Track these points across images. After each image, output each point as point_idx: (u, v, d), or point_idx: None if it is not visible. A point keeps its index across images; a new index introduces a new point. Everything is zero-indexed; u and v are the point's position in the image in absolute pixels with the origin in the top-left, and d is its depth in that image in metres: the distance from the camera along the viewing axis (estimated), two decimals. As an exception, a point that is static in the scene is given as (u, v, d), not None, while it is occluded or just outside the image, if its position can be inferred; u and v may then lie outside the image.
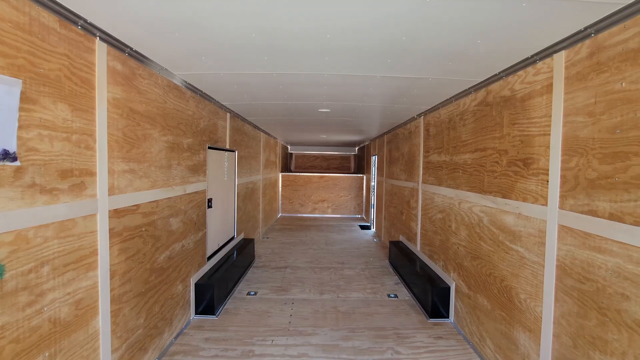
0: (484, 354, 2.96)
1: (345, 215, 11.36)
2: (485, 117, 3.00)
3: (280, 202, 11.23)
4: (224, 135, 4.72)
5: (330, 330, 3.47)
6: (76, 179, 1.90)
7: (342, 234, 8.47)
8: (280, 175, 11.08)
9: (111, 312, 2.22)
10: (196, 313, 3.70)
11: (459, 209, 3.53)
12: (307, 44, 2.25)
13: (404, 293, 4.52)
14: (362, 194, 11.29)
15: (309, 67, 2.75)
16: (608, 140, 1.72)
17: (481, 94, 3.08)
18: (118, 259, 2.30)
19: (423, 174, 4.78)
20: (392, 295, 4.42)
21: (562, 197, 2.04)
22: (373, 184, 9.46)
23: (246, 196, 6.28)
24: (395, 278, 5.11)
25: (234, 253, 4.93)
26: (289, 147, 12.60)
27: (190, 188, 3.52)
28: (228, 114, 4.84)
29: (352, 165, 12.90)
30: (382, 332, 3.44)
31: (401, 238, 5.96)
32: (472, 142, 3.25)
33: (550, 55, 2.16)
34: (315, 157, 12.88)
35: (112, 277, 2.23)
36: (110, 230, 2.21)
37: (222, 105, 4.41)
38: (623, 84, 1.65)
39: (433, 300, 3.73)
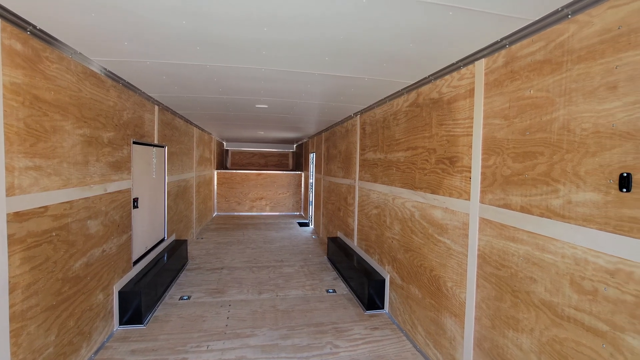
0: (415, 341, 3.16)
1: (283, 213, 11.30)
2: (416, 118, 3.19)
3: (215, 200, 10.77)
4: (151, 129, 4.36)
5: (270, 330, 3.42)
6: (-39, 177, 1.58)
7: (281, 231, 8.41)
8: (215, 172, 10.62)
9: (11, 332, 1.91)
10: (121, 323, 3.37)
11: (393, 205, 3.71)
12: (243, 36, 2.16)
13: (342, 287, 4.63)
14: (301, 191, 11.34)
15: (245, 60, 2.65)
16: (520, 141, 1.93)
17: (412, 95, 3.27)
18: (20, 269, 1.98)
19: (360, 171, 4.94)
20: (331, 291, 4.51)
21: (482, 192, 2.25)
22: (311, 181, 9.55)
23: (178, 195, 5.89)
24: (334, 273, 5.22)
25: (164, 256, 4.59)
26: (224, 143, 12.13)
27: (112, 187, 3.18)
28: (156, 107, 4.48)
29: (291, 162, 12.88)
30: (321, 328, 3.48)
31: (339, 234, 6.11)
32: (404, 141, 3.43)
33: (472, 62, 2.35)
34: (253, 154, 12.60)
35: (12, 291, 1.91)
36: (10, 236, 1.89)
37: (149, 96, 4.06)
38: (531, 91, 1.86)
39: (369, 292, 3.88)
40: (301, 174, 11.33)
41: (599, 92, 1.49)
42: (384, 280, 3.88)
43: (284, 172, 11.46)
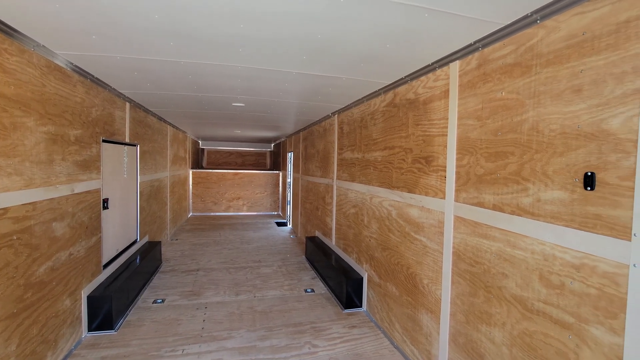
0: (393, 338, 3.21)
1: (261, 213, 11.19)
2: (393, 118, 3.23)
3: (191, 200, 10.51)
4: (122, 127, 4.19)
5: (247, 331, 3.37)
6: None
7: (259, 231, 8.32)
8: (190, 172, 10.37)
9: (-33, 343, 1.78)
10: (90, 330, 3.22)
11: (370, 204, 3.74)
12: (219, 33, 2.11)
13: (320, 287, 4.63)
14: (279, 190, 11.26)
15: (221, 57, 2.59)
16: (492, 142, 1.99)
17: (389, 95, 3.31)
18: (-23, 276, 1.85)
19: (337, 170, 4.95)
20: (309, 290, 4.50)
21: (457, 191, 2.30)
22: (289, 180, 9.50)
23: (151, 195, 5.70)
24: (312, 273, 5.21)
25: (136, 258, 4.43)
26: (200, 142, 11.87)
27: (80, 187, 3.03)
28: (128, 104, 4.31)
29: (268, 161, 12.77)
30: (299, 328, 3.46)
31: (317, 233, 6.11)
32: (382, 141, 3.47)
33: (447, 64, 2.41)
34: (230, 153, 12.39)
35: (-33, 299, 1.78)
36: (-36, 241, 1.76)
37: (120, 93, 3.90)
38: (503, 93, 1.92)
39: (347, 291, 3.90)
40: (279, 173, 11.25)
41: (565, 94, 1.55)
42: (361, 279, 3.91)
43: (262, 171, 11.34)
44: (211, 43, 2.30)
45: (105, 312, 3.25)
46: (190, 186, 10.47)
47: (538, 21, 1.70)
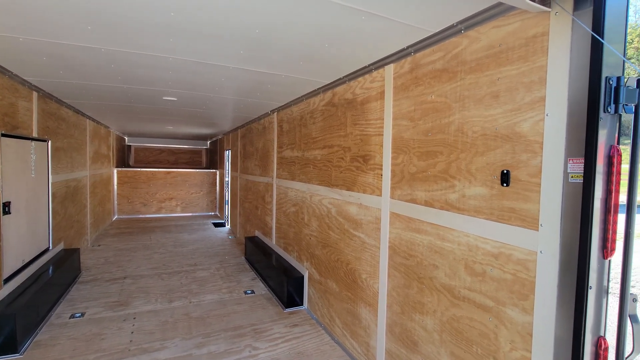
0: (334, 333, 3.27)
1: (197, 214, 10.64)
2: (332, 117, 3.28)
3: (116, 202, 9.60)
4: (28, 119, 3.66)
5: (182, 340, 3.17)
6: None
7: (194, 233, 7.90)
8: (115, 171, 9.46)
9: None
10: (-13, 356, 2.76)
11: (310, 202, 3.76)
12: (146, 20, 1.93)
13: (260, 288, 4.54)
14: (216, 190, 10.81)
15: (150, 47, 2.38)
16: (423, 141, 2.12)
17: (328, 95, 3.35)
18: None
19: (277, 169, 4.90)
20: (249, 292, 4.39)
21: (392, 188, 2.41)
22: (227, 179, 9.17)
23: (67, 197, 5.07)
24: (252, 274, 5.10)
25: (49, 269, 3.91)
26: (126, 138, 10.88)
27: (-28, 189, 2.57)
28: (35, 93, 3.78)
29: (204, 160, 12.18)
30: (239, 331, 3.36)
31: (257, 233, 5.98)
32: (321, 139, 3.50)
33: (382, 66, 2.51)
34: (161, 150, 11.56)
35: None
36: None
37: (24, 80, 3.40)
38: (432, 96, 2.06)
39: (288, 290, 3.88)
40: (216, 172, 10.80)
41: (485, 99, 1.71)
42: (302, 277, 3.92)
43: (197, 170, 10.79)
44: (137, 31, 2.10)
45: (7, 334, 2.81)
46: (115, 186, 9.56)
47: (462, 31, 1.84)
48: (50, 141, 4.26)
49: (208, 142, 11.98)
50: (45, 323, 3.39)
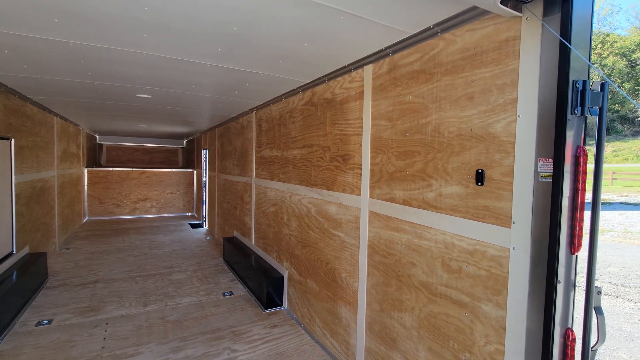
0: (314, 333, 3.27)
1: (173, 214, 10.37)
2: (311, 116, 3.27)
3: (86, 203, 9.22)
4: (-10, 116, 3.44)
5: (158, 344, 3.08)
6: None
7: (170, 234, 7.70)
8: (85, 170, 9.08)
9: None
10: (-56, 369, 2.58)
11: (290, 202, 3.74)
12: (118, 14, 1.86)
13: (239, 289, 4.48)
14: (193, 190, 10.58)
15: (122, 42, 2.30)
16: (402, 141, 2.16)
17: (308, 94, 3.34)
18: None
19: (256, 168, 4.85)
20: (228, 293, 4.32)
21: (372, 187, 2.44)
22: (204, 179, 8.99)
23: (32, 198, 4.82)
24: (231, 275, 5.02)
25: (12, 274, 3.70)
26: (97, 137, 10.46)
27: None
28: (-3, 88, 3.57)
29: (181, 159, 11.89)
30: (217, 334, 3.30)
31: (235, 234, 5.90)
32: (300, 139, 3.49)
33: (362, 66, 2.53)
34: (135, 149, 11.18)
35: None
36: None
37: (-15, 74, 3.20)
38: (410, 97, 2.09)
39: (268, 291, 3.84)
40: (193, 171, 10.57)
41: (461, 101, 1.75)
42: (282, 277, 3.90)
43: (173, 169, 10.52)
44: (108, 25, 2.02)
45: (-33, 344, 2.64)
46: (86, 187, 9.18)
47: (439, 33, 1.88)
48: (13, 139, 4.03)
49: (185, 141, 11.70)
50: (8, 332, 3.21)
